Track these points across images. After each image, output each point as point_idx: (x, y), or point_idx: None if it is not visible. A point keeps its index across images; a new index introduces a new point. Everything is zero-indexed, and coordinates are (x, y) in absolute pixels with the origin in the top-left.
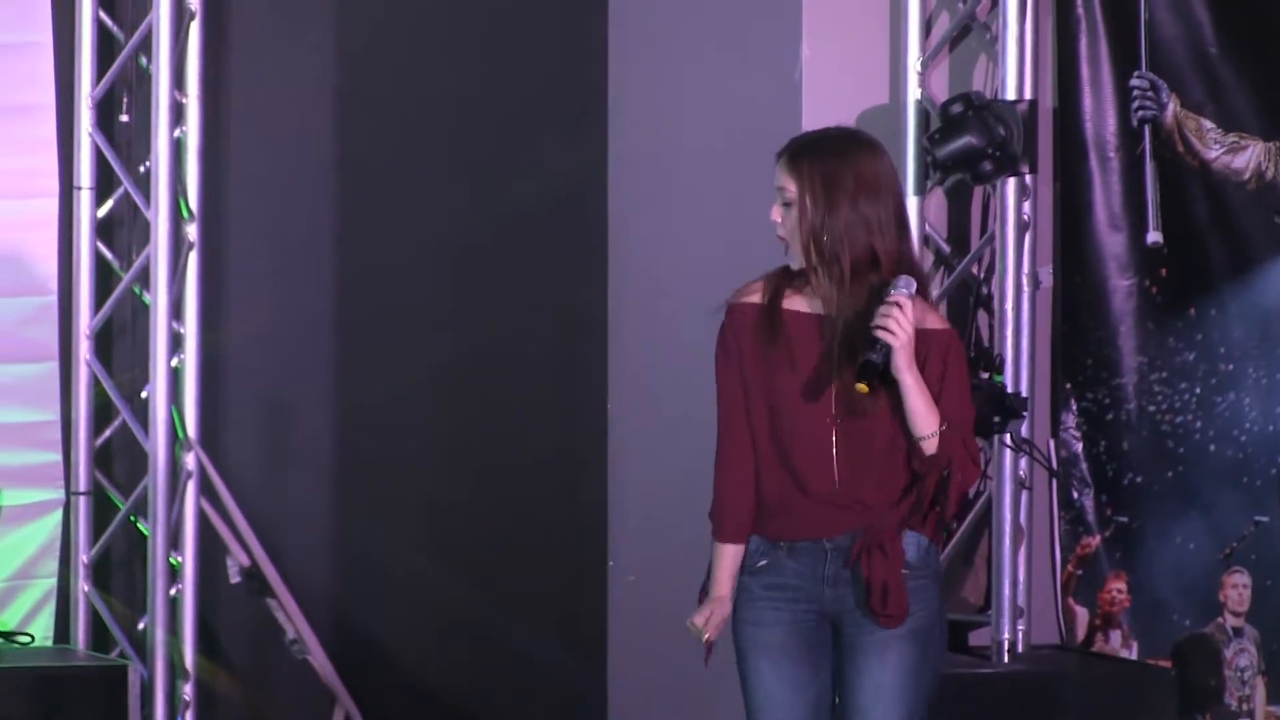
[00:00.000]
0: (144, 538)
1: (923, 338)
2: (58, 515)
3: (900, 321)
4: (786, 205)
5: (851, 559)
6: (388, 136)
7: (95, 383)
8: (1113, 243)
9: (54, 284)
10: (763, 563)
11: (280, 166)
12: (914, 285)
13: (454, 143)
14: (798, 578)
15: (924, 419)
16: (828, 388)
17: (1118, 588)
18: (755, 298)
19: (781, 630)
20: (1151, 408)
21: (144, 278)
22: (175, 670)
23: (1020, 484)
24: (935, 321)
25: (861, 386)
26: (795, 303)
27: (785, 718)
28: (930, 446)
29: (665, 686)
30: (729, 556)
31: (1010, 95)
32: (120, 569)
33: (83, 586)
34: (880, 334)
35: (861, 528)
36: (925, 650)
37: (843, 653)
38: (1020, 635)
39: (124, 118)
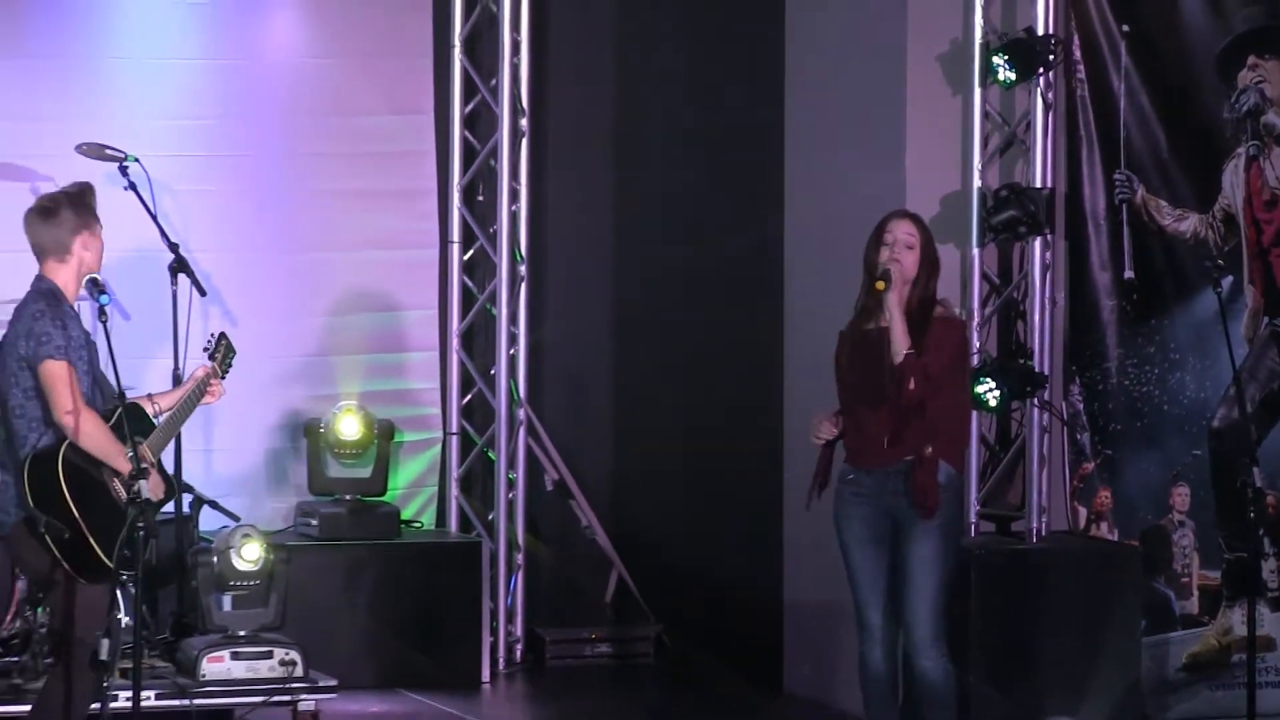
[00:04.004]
0: (492, 462)
1: (942, 324)
2: (437, 448)
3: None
4: (910, 248)
5: (909, 472)
6: (644, 210)
7: (461, 364)
8: (1103, 279)
9: (435, 302)
10: (851, 476)
11: (578, 229)
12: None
13: (685, 214)
14: (870, 488)
15: (899, 342)
16: (883, 377)
17: (1105, 495)
18: (847, 329)
19: (860, 523)
20: (1127, 382)
21: (492, 299)
22: (511, 545)
23: (1043, 429)
24: (948, 315)
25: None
26: (872, 323)
27: (870, 575)
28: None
29: (822, 559)
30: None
31: (1038, 184)
32: (477, 482)
33: (453, 492)
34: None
35: (909, 457)
36: (948, 539)
37: (898, 537)
38: (1043, 525)
39: (480, 198)
